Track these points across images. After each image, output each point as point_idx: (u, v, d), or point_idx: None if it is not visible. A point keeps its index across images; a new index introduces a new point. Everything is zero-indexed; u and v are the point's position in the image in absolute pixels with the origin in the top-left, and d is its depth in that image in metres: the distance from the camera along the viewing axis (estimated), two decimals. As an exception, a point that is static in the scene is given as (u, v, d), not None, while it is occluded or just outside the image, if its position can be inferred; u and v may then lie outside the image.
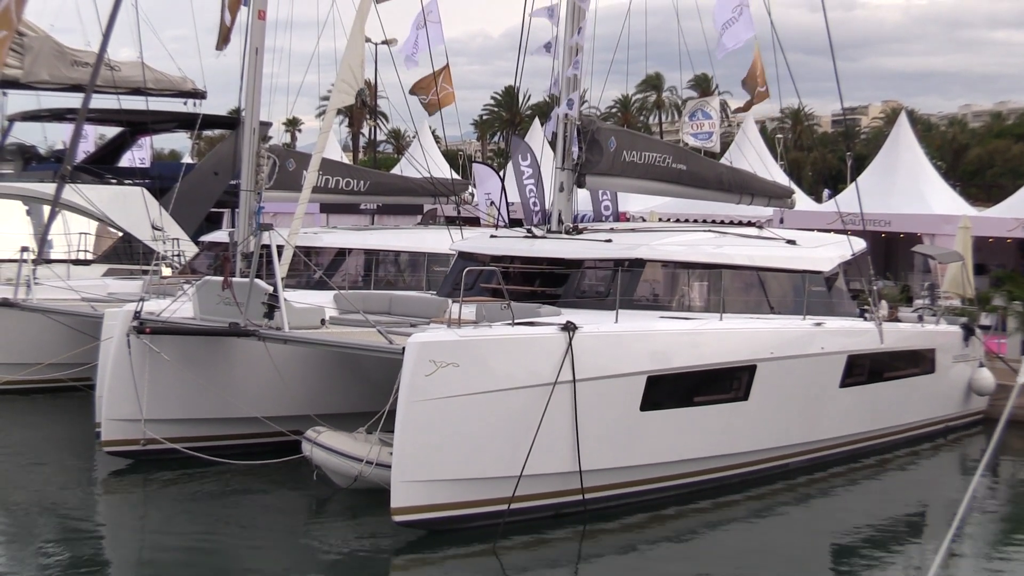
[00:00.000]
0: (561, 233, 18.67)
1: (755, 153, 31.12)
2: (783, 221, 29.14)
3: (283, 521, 13.95)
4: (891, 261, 31.72)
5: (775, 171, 33.34)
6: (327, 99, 36.99)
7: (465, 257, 18.51)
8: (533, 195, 30.61)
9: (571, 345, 13.08)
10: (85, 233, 26.25)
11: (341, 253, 23.17)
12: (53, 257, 24.37)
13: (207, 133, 56.20)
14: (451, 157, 57.58)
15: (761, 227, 20.31)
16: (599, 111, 60.60)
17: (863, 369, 17.78)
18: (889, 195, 30.93)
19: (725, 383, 15.34)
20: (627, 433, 14.00)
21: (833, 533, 14.49)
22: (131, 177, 28.98)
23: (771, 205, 24.87)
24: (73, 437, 17.75)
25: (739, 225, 22.94)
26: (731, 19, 21.56)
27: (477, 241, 19.69)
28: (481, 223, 29.68)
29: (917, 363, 19.63)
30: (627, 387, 13.85)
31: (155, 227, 24.31)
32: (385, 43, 25.67)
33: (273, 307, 14.63)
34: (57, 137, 37.32)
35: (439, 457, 12.60)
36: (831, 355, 16.96)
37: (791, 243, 18.63)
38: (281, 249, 15.98)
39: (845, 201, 25.47)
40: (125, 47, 61.41)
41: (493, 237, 19.50)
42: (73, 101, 28.87)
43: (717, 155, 35.86)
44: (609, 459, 13.86)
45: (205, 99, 31.66)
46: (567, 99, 19.07)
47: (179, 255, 24.71)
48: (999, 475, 17.76)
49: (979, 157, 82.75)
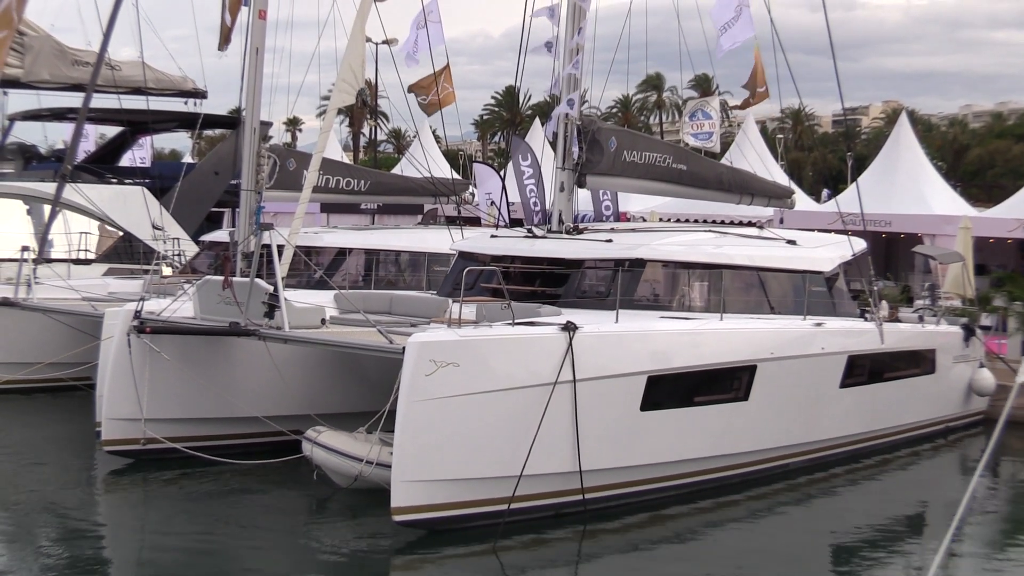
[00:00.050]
0: (561, 233, 18.67)
1: (755, 153, 31.12)
2: (783, 221, 29.14)
3: (283, 521, 13.94)
4: (891, 261, 31.72)
5: (775, 171, 33.31)
6: (327, 99, 36.95)
7: (465, 257, 18.51)
8: (533, 195, 30.60)
9: (571, 345, 13.08)
10: (86, 233, 26.23)
11: (341, 253, 23.17)
12: (54, 256, 24.37)
13: (208, 133, 56.19)
14: (451, 157, 57.57)
15: (761, 227, 20.31)
16: (600, 111, 60.64)
17: (863, 369, 17.78)
18: (890, 195, 30.90)
19: (725, 383, 15.34)
20: (627, 433, 14.00)
21: (833, 533, 14.50)
22: (132, 177, 29.02)
23: (771, 205, 24.87)
24: (73, 436, 17.75)
25: (739, 225, 22.94)
26: (731, 20, 21.57)
27: (477, 241, 19.69)
28: (481, 223, 29.68)
29: (917, 363, 19.63)
30: (627, 387, 13.85)
31: (155, 227, 24.31)
32: (386, 43, 25.63)
33: (273, 307, 14.63)
34: (58, 136, 37.31)
35: (439, 457, 12.60)
36: (831, 355, 16.96)
37: (791, 243, 18.63)
38: (281, 249, 15.99)
39: (846, 201, 25.49)
40: (126, 46, 61.37)
41: (493, 237, 19.50)
42: (74, 100, 28.85)
43: (717, 155, 35.85)
44: (609, 459, 13.86)
45: (206, 99, 31.66)
46: (567, 99, 19.07)
47: (179, 255, 24.72)
48: (999, 475, 17.78)
49: (980, 157, 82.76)
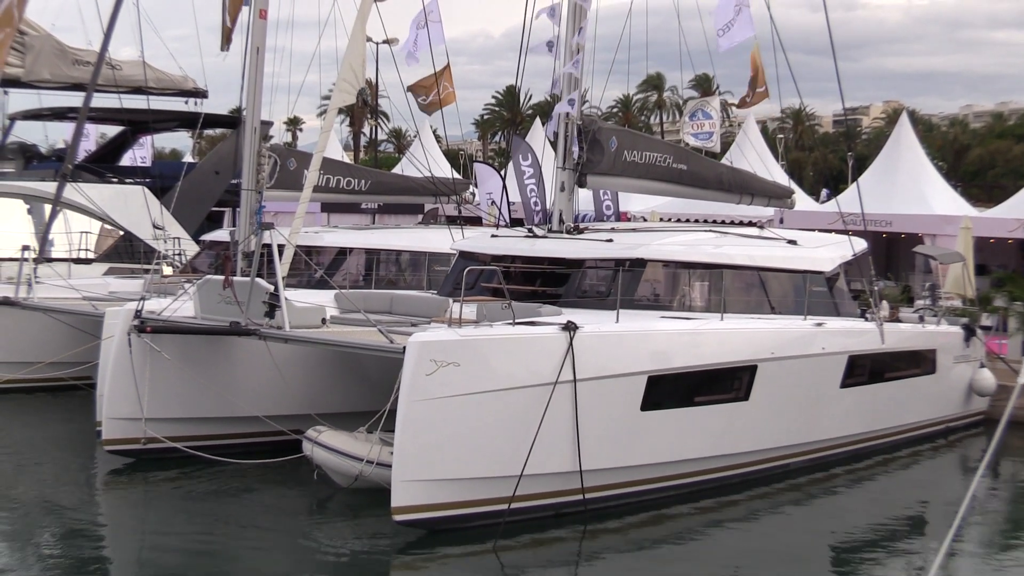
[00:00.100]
0: (562, 233, 18.66)
1: (756, 153, 31.13)
2: (783, 221, 29.14)
3: (283, 521, 13.93)
4: (892, 261, 31.72)
5: (776, 171, 33.31)
6: (328, 98, 36.92)
7: (466, 257, 18.51)
8: (534, 195, 30.61)
9: (572, 345, 13.07)
10: (86, 232, 26.24)
11: (342, 252, 23.17)
12: (54, 256, 24.39)
13: (208, 132, 56.15)
14: (452, 157, 57.56)
15: (762, 227, 20.31)
16: (600, 111, 60.60)
17: (864, 369, 17.77)
18: (890, 195, 30.90)
19: (726, 383, 15.33)
20: (628, 433, 14.00)
21: (833, 533, 14.49)
22: (132, 176, 29.05)
23: (771, 205, 24.86)
24: (74, 436, 17.74)
25: (740, 225, 22.94)
26: (731, 20, 21.56)
27: (478, 241, 19.68)
28: (482, 223, 29.68)
29: (918, 363, 19.62)
30: (628, 387, 13.84)
31: (156, 226, 24.33)
32: (386, 42, 25.62)
33: (274, 306, 14.63)
34: (58, 136, 37.36)
35: (439, 457, 12.60)
36: (832, 355, 16.95)
37: (792, 243, 18.62)
38: (282, 248, 16.01)
39: (846, 201, 25.49)
40: (126, 46, 61.57)
41: (494, 237, 19.50)
42: (74, 100, 28.87)
43: (718, 155, 35.85)
44: (610, 459, 13.86)
45: (206, 98, 31.63)
46: (568, 98, 19.07)
47: (180, 254, 24.74)
48: (999, 475, 17.77)
49: (980, 157, 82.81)
